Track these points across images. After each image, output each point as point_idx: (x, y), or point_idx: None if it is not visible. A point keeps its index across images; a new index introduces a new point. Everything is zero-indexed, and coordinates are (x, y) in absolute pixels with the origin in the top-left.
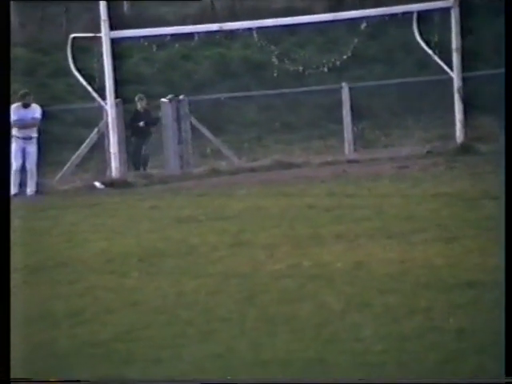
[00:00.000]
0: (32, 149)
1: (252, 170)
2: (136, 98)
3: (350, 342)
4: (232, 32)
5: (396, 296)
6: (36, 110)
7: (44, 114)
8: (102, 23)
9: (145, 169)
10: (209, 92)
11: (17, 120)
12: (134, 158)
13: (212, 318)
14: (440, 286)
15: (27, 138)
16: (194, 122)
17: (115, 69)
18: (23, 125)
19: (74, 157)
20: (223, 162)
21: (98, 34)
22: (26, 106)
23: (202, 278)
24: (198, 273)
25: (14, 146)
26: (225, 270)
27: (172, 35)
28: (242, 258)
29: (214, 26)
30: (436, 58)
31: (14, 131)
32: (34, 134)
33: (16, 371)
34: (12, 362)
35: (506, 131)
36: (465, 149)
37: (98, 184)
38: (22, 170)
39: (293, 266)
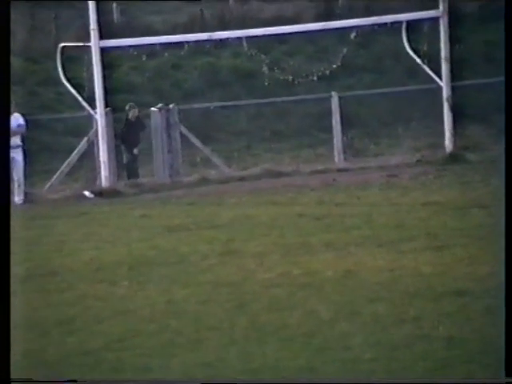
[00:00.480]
0: (19, 157)
1: (242, 178)
2: (127, 107)
3: (340, 351)
4: (222, 41)
5: (385, 304)
6: (19, 118)
7: (33, 122)
8: (92, 32)
9: (136, 177)
10: (198, 101)
11: None
12: (127, 166)
13: (202, 326)
14: (429, 294)
15: (14, 147)
16: (184, 130)
17: (105, 78)
18: (11, 133)
19: (63, 166)
20: (213, 170)
21: (87, 43)
22: None
23: (191, 286)
24: (188, 281)
25: None
26: (215, 279)
27: (162, 44)
28: (231, 267)
29: (204, 35)
30: (425, 67)
31: None
32: (20, 142)
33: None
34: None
35: (506, 138)
36: (454, 158)
37: (87, 193)
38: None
39: (283, 275)
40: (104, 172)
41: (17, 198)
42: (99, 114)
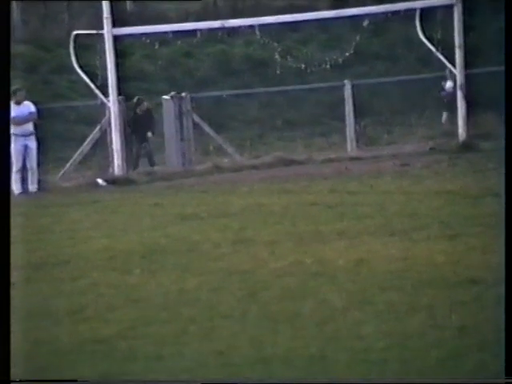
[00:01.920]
0: (33, 145)
1: (254, 167)
2: (134, 100)
3: (352, 340)
4: (234, 29)
5: (398, 293)
6: (30, 105)
7: (46, 111)
8: (105, 20)
9: (151, 165)
10: (211, 89)
11: (15, 117)
12: (135, 160)
13: (214, 315)
14: (442, 283)
15: (27, 135)
16: (196, 119)
17: (117, 66)
18: (22, 121)
19: (76, 154)
20: (225, 159)
21: (100, 31)
22: (18, 102)
23: (204, 275)
24: (200, 270)
25: (15, 144)
26: (227, 267)
27: (174, 32)
28: (244, 255)
29: (216, 23)
30: (439, 55)
31: (13, 129)
32: (33, 130)
33: (18, 369)
34: (13, 359)
35: (506, 128)
36: (467, 146)
37: (100, 181)
38: (23, 167)
39: (295, 263)
40: (117, 160)
41: (30, 186)
42: (112, 102)
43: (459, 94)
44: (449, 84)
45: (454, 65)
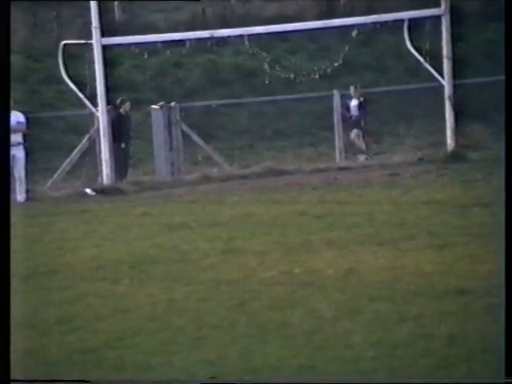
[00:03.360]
0: (20, 155)
1: (243, 176)
2: (118, 101)
3: (341, 349)
4: (223, 39)
5: (387, 303)
6: (19, 115)
7: (35, 120)
8: (94, 30)
9: (124, 174)
10: (200, 99)
11: None
12: (118, 164)
13: (203, 324)
14: (431, 293)
15: (15, 144)
16: (186, 128)
17: (106, 75)
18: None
19: (65, 164)
20: (214, 168)
21: (89, 41)
22: None
23: (193, 284)
24: (189, 280)
25: None
26: (216, 277)
27: (163, 42)
28: (233, 265)
29: (206, 33)
30: (427, 66)
31: None
32: (21, 140)
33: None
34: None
35: (506, 137)
36: (456, 156)
37: (89, 191)
38: (12, 176)
39: (284, 273)
40: (105, 170)
41: (19, 195)
42: (101, 112)
43: (447, 104)
44: (354, 102)
45: (441, 75)
